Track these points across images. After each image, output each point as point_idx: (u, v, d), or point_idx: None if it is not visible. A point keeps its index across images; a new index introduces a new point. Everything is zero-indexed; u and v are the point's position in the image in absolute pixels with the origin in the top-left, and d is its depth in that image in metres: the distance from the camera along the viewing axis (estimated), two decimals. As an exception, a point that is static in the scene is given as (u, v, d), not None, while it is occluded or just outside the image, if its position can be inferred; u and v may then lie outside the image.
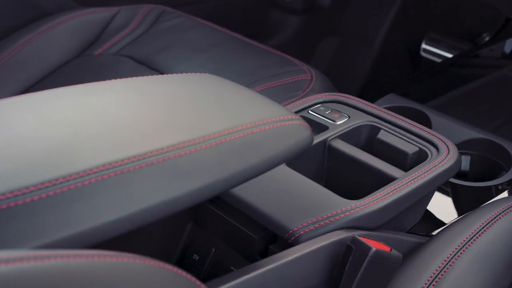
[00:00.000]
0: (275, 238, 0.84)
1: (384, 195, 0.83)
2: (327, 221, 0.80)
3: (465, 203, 1.04)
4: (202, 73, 0.79)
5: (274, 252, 0.81)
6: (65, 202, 0.53)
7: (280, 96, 1.21)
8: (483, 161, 1.13)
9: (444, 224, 0.96)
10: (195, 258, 0.90)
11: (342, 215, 0.80)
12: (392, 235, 0.84)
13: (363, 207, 0.81)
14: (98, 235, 0.54)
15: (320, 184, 0.97)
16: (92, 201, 0.54)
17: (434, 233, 0.92)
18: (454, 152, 0.91)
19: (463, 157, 1.13)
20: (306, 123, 0.72)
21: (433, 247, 0.83)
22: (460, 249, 0.82)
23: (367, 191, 0.89)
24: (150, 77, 0.74)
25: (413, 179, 0.86)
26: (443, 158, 0.90)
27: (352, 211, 0.80)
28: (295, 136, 0.70)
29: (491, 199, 1.00)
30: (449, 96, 1.38)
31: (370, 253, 0.73)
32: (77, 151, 0.57)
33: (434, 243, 0.84)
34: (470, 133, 1.14)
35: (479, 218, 0.86)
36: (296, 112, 1.01)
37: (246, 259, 0.85)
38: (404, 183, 0.85)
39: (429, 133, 0.95)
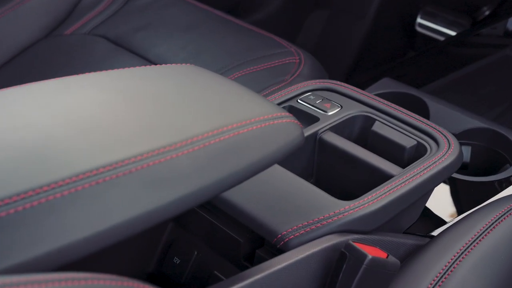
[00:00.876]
0: (262, 242, 0.83)
1: (380, 195, 0.82)
2: (318, 224, 0.79)
3: (466, 199, 1.04)
4: (184, 65, 0.78)
5: (261, 257, 0.81)
6: (35, 217, 0.51)
7: (266, 81, 1.19)
8: (485, 152, 1.13)
9: (443, 222, 0.96)
10: (176, 261, 0.89)
11: (335, 218, 0.79)
12: (388, 237, 0.84)
13: (357, 209, 0.80)
14: (72, 253, 0.52)
15: (309, 180, 0.96)
16: (65, 216, 0.53)
17: (433, 233, 0.92)
18: (455, 147, 0.90)
19: (463, 147, 1.12)
20: (296, 120, 0.71)
21: (433, 251, 0.83)
22: (462, 253, 0.81)
23: (361, 189, 0.89)
24: (126, 71, 0.72)
25: (411, 177, 0.85)
26: (444, 154, 0.89)
27: (346, 213, 0.80)
28: (285, 136, 0.69)
29: (494, 195, 1.00)
30: (448, 79, 1.37)
31: (366, 261, 0.73)
32: (47, 160, 0.55)
33: (433, 247, 0.83)
34: (471, 122, 1.13)
35: (481, 219, 0.85)
36: (284, 102, 1.00)
37: (231, 264, 0.85)
38: (402, 182, 0.84)
39: (428, 125, 0.95)
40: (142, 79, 0.71)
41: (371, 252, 0.74)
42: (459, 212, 0.97)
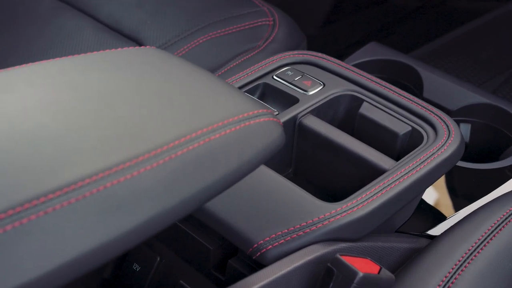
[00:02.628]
0: (235, 250, 0.82)
1: (371, 196, 0.81)
2: (300, 232, 0.77)
3: (465, 190, 1.03)
4: (143, 48, 0.75)
5: (233, 268, 0.80)
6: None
7: (235, 47, 1.17)
8: (487, 131, 1.12)
9: (439, 217, 0.95)
10: (136, 268, 0.88)
11: (319, 225, 0.78)
12: (380, 243, 0.83)
13: (345, 213, 0.79)
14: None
15: (287, 171, 0.95)
16: (8, 256, 0.51)
17: (430, 232, 0.91)
18: (455, 135, 0.89)
19: (462, 125, 1.12)
20: (276, 118, 0.69)
21: (431, 259, 0.82)
22: (465, 261, 0.81)
23: (348, 184, 0.87)
24: (79, 59, 0.70)
25: (406, 173, 0.84)
26: (443, 143, 0.88)
27: (332, 219, 0.78)
28: (263, 138, 0.67)
29: (497, 183, 0.99)
30: (442, 40, 1.35)
31: (357, 280, 0.71)
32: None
33: (432, 254, 0.83)
34: (470, 96, 1.12)
35: (484, 221, 0.85)
36: (258, 78, 0.98)
37: (200, 273, 0.84)
38: (396, 179, 0.83)
39: (424, 107, 0.93)
40: (96, 71, 0.68)
41: (362, 267, 0.73)
42: (459, 206, 0.96)
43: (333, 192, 0.91)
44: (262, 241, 0.77)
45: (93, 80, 0.67)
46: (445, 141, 0.88)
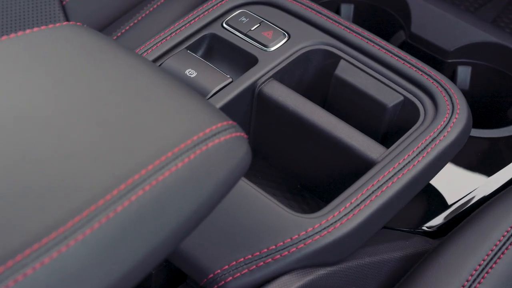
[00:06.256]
0: (184, 275, 0.79)
1: (358, 205, 0.77)
2: (269, 259, 0.75)
3: (469, 167, 1.00)
4: (61, 26, 0.70)
5: (183, 297, 0.78)
6: None
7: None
8: (490, 74, 1.09)
9: (432, 208, 0.93)
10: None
11: (293, 249, 0.75)
12: (367, 258, 0.81)
13: (325, 232, 0.75)
14: None
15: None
16: None
17: (425, 227, 0.90)
18: (461, 109, 0.85)
19: (460, 68, 1.09)
20: (240, 131, 0.66)
21: (435, 276, 0.81)
22: (476, 278, 0.80)
23: (324, 172, 0.85)
24: None
25: (401, 168, 0.80)
26: (446, 122, 0.84)
27: (309, 240, 0.75)
28: (228, 162, 0.63)
29: (506, 158, 0.97)
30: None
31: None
32: None
33: (435, 267, 0.81)
34: (470, 32, 1.09)
35: (497, 225, 0.84)
36: (203, 28, 0.93)
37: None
38: (389, 177, 0.79)
39: (420, 70, 0.89)
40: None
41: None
42: (460, 192, 0.94)
43: (304, 181, 0.89)
44: (219, 271, 0.74)
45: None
46: (449, 119, 0.84)
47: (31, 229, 0.54)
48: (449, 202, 0.93)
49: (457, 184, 0.95)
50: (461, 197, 0.93)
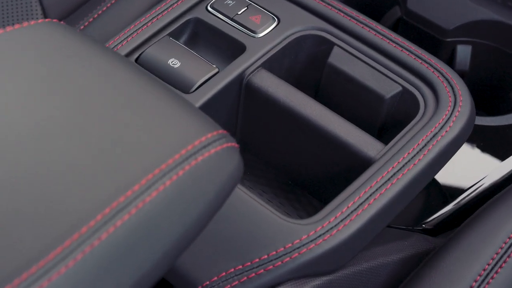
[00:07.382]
0: (171, 287, 0.80)
1: (356, 209, 0.77)
2: (261, 269, 0.75)
3: (467, 155, 1.00)
4: (36, 25, 0.69)
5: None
6: None
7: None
8: (492, 54, 1.09)
9: (432, 203, 0.93)
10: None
11: (286, 258, 0.75)
12: (365, 263, 0.81)
13: (321, 240, 0.76)
14: None
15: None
16: None
17: (425, 225, 0.90)
18: (464, 100, 0.85)
19: (460, 47, 1.09)
20: (231, 141, 0.65)
21: (437, 284, 0.81)
22: (481, 284, 0.80)
23: (317, 169, 0.86)
24: None
25: (403, 166, 0.80)
26: (448, 116, 0.83)
27: (304, 249, 0.75)
28: (219, 176, 0.63)
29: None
30: None
31: None
32: None
33: (437, 273, 0.82)
34: (471, 9, 1.08)
35: (500, 228, 0.84)
36: (186, 12, 0.93)
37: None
38: (388, 177, 0.79)
39: (419, 58, 0.89)
40: None
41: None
42: (462, 188, 0.94)
43: (296, 178, 0.89)
44: (208, 282, 0.75)
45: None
46: (451, 112, 0.84)
47: (11, 262, 0.53)
48: (450, 196, 0.93)
49: (458, 177, 0.95)
50: (462, 191, 0.93)
